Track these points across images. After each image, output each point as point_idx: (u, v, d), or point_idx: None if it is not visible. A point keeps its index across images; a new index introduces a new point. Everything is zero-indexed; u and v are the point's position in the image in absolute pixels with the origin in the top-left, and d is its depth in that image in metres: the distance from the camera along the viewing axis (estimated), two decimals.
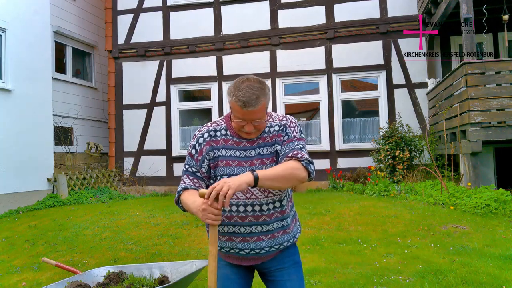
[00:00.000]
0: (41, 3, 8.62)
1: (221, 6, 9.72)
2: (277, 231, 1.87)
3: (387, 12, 8.86)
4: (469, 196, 5.62)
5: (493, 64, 6.33)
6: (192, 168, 1.90)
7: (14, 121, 7.78)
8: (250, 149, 1.86)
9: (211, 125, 1.95)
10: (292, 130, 1.88)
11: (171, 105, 9.90)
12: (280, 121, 1.91)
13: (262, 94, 1.76)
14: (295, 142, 1.85)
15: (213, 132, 1.91)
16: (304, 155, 1.79)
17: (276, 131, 1.88)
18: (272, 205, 1.84)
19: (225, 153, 1.86)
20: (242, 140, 1.87)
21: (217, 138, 1.89)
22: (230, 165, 1.85)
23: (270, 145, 1.86)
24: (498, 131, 6.10)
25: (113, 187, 9.60)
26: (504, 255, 3.73)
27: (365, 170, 8.24)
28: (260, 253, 1.86)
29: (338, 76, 9.12)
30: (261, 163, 1.85)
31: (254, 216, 1.82)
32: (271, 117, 1.93)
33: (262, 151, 1.86)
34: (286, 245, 1.90)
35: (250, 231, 1.83)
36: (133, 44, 10.14)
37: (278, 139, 1.86)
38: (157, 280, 2.30)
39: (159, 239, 5.07)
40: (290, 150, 1.81)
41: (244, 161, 1.85)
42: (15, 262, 4.68)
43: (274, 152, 1.86)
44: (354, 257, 4.02)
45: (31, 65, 8.26)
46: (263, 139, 1.87)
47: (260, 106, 1.75)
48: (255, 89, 1.75)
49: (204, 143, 1.90)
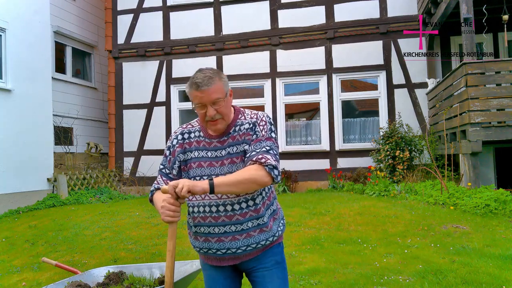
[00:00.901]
0: (41, 3, 8.62)
1: (221, 6, 9.72)
2: (253, 230, 1.84)
3: (387, 12, 8.86)
4: (469, 196, 5.62)
5: (493, 64, 6.33)
6: (166, 170, 1.94)
7: (14, 121, 7.78)
8: (220, 148, 1.85)
9: (186, 127, 1.97)
10: (261, 128, 1.85)
11: (171, 105, 9.91)
12: (250, 119, 1.88)
13: (216, 76, 1.79)
14: (262, 142, 1.81)
15: (187, 134, 1.93)
16: (268, 159, 1.74)
17: (246, 129, 1.85)
18: (245, 203, 1.83)
19: (197, 155, 1.88)
20: (213, 140, 1.87)
21: (191, 140, 1.91)
22: (202, 166, 1.86)
23: (240, 143, 1.84)
24: (498, 131, 6.10)
25: (113, 187, 9.60)
26: (504, 255, 3.73)
27: (365, 170, 8.24)
28: (237, 253, 1.85)
29: (338, 76, 9.12)
30: (231, 162, 1.83)
31: (227, 216, 1.82)
32: (243, 115, 1.91)
33: (231, 150, 1.84)
34: (265, 244, 1.87)
35: (224, 231, 1.83)
36: (133, 44, 10.14)
37: (247, 138, 1.84)
38: (157, 280, 2.30)
39: (159, 239, 5.07)
40: (256, 153, 1.77)
41: (215, 161, 1.85)
42: (15, 262, 4.68)
43: (243, 151, 1.84)
44: (354, 257, 4.02)
45: (31, 65, 8.25)
46: (233, 137, 1.85)
47: (214, 85, 1.76)
48: (208, 73, 1.79)
49: (177, 144, 1.92)
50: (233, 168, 1.83)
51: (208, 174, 1.84)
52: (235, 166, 1.83)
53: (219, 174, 1.83)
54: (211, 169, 1.84)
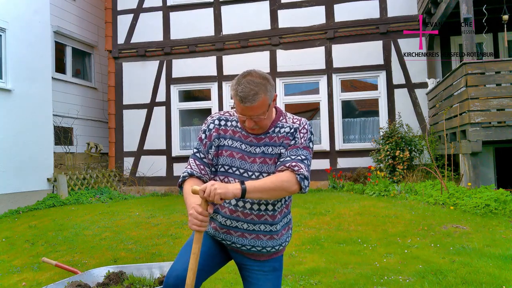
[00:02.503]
0: (41, 3, 8.62)
1: (221, 6, 9.72)
2: (263, 233, 1.85)
3: (387, 12, 8.86)
4: (469, 196, 5.62)
5: (493, 64, 6.33)
6: (200, 154, 1.90)
7: (14, 121, 7.77)
8: (255, 145, 1.84)
9: (224, 114, 1.94)
10: (301, 136, 1.83)
11: (171, 105, 9.90)
12: (293, 124, 1.87)
13: (262, 90, 1.71)
14: (299, 150, 1.80)
15: (224, 121, 1.90)
16: (301, 168, 1.74)
17: (286, 133, 1.84)
18: (264, 206, 1.83)
19: (231, 144, 1.85)
20: (250, 135, 1.85)
21: (227, 128, 1.88)
22: (234, 156, 1.84)
23: (276, 145, 1.83)
24: (498, 131, 6.10)
25: (113, 187, 9.60)
26: (504, 255, 3.73)
27: (365, 170, 8.24)
28: (241, 249, 1.88)
29: (338, 76, 9.12)
30: (263, 161, 1.82)
31: (244, 213, 1.82)
32: (285, 118, 1.90)
33: (266, 150, 1.83)
34: (270, 251, 1.87)
35: (236, 226, 1.84)
36: (133, 44, 10.14)
37: (285, 142, 1.83)
38: (157, 280, 2.30)
39: (159, 239, 5.07)
40: (290, 159, 1.76)
41: (248, 156, 1.83)
42: (15, 262, 4.67)
43: (278, 154, 1.82)
44: (354, 257, 4.02)
45: (31, 65, 8.25)
46: (271, 138, 1.84)
47: (259, 102, 1.70)
48: (254, 85, 1.70)
49: (213, 129, 1.89)
50: (263, 168, 1.81)
51: (238, 166, 1.82)
52: (265, 167, 1.81)
53: (248, 170, 1.82)
54: (242, 162, 1.83)
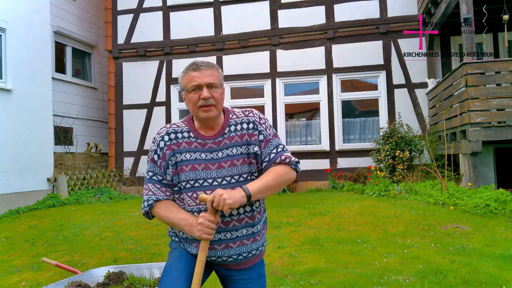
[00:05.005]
0: (41, 3, 8.62)
1: (221, 6, 9.72)
2: (246, 238, 1.76)
3: (387, 12, 8.86)
4: (469, 196, 5.62)
5: (493, 64, 6.33)
6: (158, 176, 1.77)
7: (14, 121, 7.78)
8: (216, 150, 1.74)
9: (171, 127, 1.81)
10: (264, 127, 1.79)
11: (171, 105, 9.91)
12: (246, 117, 1.80)
13: (215, 66, 1.81)
14: (273, 141, 1.78)
15: (174, 134, 1.78)
16: (291, 158, 1.75)
17: (245, 129, 1.77)
18: (243, 209, 1.74)
19: (189, 157, 1.73)
20: (207, 141, 1.75)
21: (179, 141, 1.76)
22: (196, 169, 1.72)
23: (240, 145, 1.75)
24: (498, 131, 6.10)
25: (113, 187, 9.60)
26: (504, 255, 3.73)
27: (365, 170, 8.24)
28: (227, 261, 1.77)
29: (338, 76, 9.12)
30: (230, 164, 1.73)
31: (224, 222, 1.72)
32: (234, 114, 1.82)
33: (231, 151, 1.74)
34: (255, 254, 1.81)
35: (219, 238, 1.73)
36: (133, 44, 10.14)
37: (253, 140, 1.75)
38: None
39: (159, 239, 5.07)
40: (275, 154, 1.75)
41: (211, 163, 1.73)
42: (15, 262, 4.67)
43: (246, 153, 1.75)
44: (354, 257, 4.02)
45: (31, 65, 8.25)
46: (230, 138, 1.76)
47: (212, 70, 1.77)
48: (206, 61, 1.83)
49: (165, 147, 1.76)
50: (234, 170, 1.73)
51: (204, 177, 1.72)
52: (235, 169, 1.73)
53: (216, 178, 1.72)
54: (207, 172, 1.72)
